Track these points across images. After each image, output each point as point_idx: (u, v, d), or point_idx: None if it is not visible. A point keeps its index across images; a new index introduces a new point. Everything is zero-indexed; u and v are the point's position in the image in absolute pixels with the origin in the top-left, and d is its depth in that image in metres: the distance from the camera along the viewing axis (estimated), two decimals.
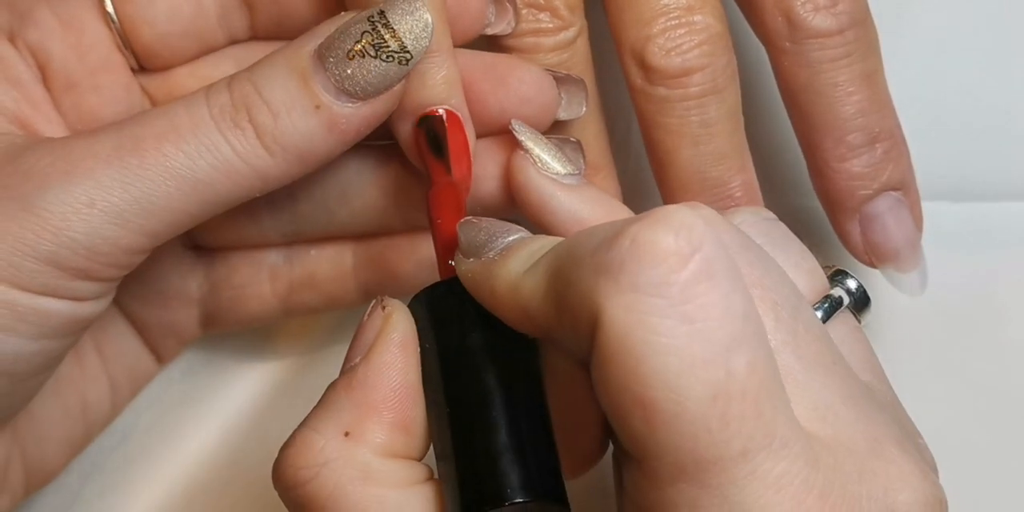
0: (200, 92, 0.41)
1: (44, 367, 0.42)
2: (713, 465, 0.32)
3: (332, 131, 0.40)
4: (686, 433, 0.32)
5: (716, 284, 0.33)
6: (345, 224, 0.47)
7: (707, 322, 0.32)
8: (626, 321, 0.32)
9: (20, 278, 0.39)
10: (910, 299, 0.49)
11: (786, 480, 0.33)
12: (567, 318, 0.34)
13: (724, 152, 0.46)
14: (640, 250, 0.32)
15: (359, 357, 0.37)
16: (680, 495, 0.33)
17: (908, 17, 0.52)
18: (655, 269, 0.32)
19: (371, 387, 0.37)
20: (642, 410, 0.32)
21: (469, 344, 0.37)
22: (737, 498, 0.32)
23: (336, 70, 0.40)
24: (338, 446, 0.36)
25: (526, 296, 0.35)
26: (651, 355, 0.32)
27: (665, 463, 0.32)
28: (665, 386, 0.32)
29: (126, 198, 0.39)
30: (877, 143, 0.47)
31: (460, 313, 0.37)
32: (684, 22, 0.45)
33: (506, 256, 0.36)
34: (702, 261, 0.32)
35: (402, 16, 0.40)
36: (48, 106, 0.43)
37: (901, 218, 0.48)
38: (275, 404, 0.53)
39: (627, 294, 0.32)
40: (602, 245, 0.33)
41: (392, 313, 0.38)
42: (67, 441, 0.47)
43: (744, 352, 0.32)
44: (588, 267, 0.33)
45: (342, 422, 0.36)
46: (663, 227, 0.33)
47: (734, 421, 0.32)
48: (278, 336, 0.53)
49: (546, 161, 0.42)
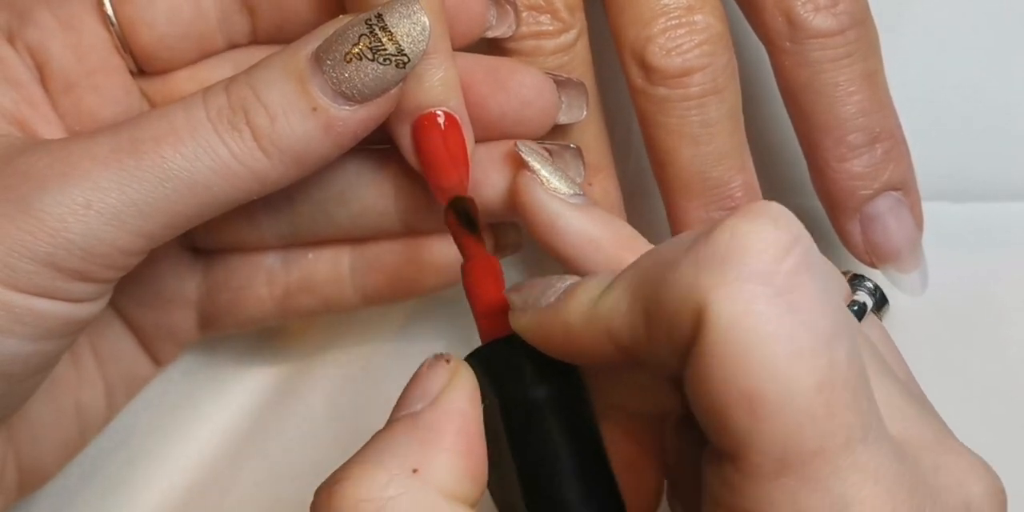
0: (198, 94, 0.41)
1: (40, 368, 0.42)
2: (817, 456, 0.32)
3: (329, 134, 0.40)
4: (792, 424, 0.32)
5: (815, 274, 0.33)
6: (343, 227, 0.47)
7: (811, 312, 0.32)
8: (733, 311, 0.32)
9: (17, 279, 0.39)
10: (911, 299, 0.49)
11: (882, 472, 0.33)
12: (660, 324, 0.34)
13: (724, 152, 0.46)
14: (742, 241, 0.32)
15: (420, 404, 0.37)
16: (781, 490, 0.32)
17: (909, 16, 0.52)
18: (759, 258, 0.32)
19: (441, 430, 0.36)
20: (748, 401, 0.32)
21: (533, 398, 0.37)
22: (839, 490, 0.32)
23: (333, 73, 0.40)
24: (405, 482, 0.35)
25: (606, 316, 0.35)
26: (760, 344, 0.32)
27: (768, 457, 0.32)
28: (773, 376, 0.32)
29: (123, 200, 0.39)
30: (878, 143, 0.47)
31: (520, 369, 0.37)
32: (684, 22, 0.45)
33: (572, 293, 0.37)
34: (803, 251, 0.33)
35: (399, 19, 0.40)
36: (47, 107, 0.43)
37: (902, 218, 0.48)
38: (275, 406, 0.52)
39: (733, 284, 0.32)
40: (698, 243, 0.33)
41: (459, 368, 0.38)
42: (62, 443, 0.47)
43: (844, 343, 0.33)
44: (686, 266, 0.33)
45: (409, 458, 0.36)
46: (761, 217, 0.33)
47: (838, 412, 0.32)
48: (278, 338, 0.53)
49: (552, 181, 0.42)
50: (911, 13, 0.52)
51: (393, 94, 0.41)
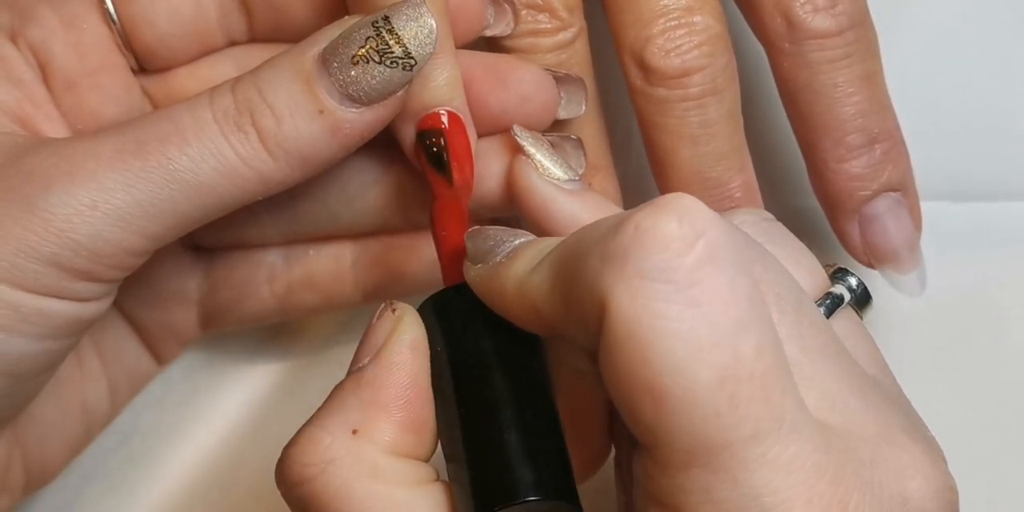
0: (204, 95, 0.40)
1: (46, 367, 0.42)
2: (724, 449, 0.32)
3: (336, 136, 0.40)
4: (695, 417, 0.32)
5: (721, 268, 0.32)
6: (345, 224, 0.47)
7: (713, 306, 0.32)
8: (632, 307, 0.32)
9: (23, 279, 0.39)
10: (909, 299, 0.49)
11: (797, 464, 0.32)
12: (574, 310, 0.34)
13: (723, 152, 0.46)
14: (644, 236, 0.32)
15: (368, 358, 0.37)
16: (692, 481, 0.32)
17: (908, 16, 0.52)
18: (659, 254, 0.32)
19: (381, 386, 0.36)
20: (651, 396, 0.32)
21: (480, 347, 0.37)
22: (749, 482, 0.32)
23: (340, 75, 0.40)
24: (345, 443, 0.36)
25: (533, 293, 0.35)
26: (658, 340, 0.32)
27: (676, 449, 0.32)
28: (673, 371, 0.32)
29: (128, 200, 0.39)
30: (876, 144, 0.47)
31: (470, 317, 0.37)
32: (684, 23, 0.45)
33: (513, 258, 0.36)
34: (706, 246, 0.32)
35: (407, 22, 0.40)
36: (49, 105, 0.43)
37: (900, 219, 0.48)
38: (276, 405, 0.52)
39: (632, 280, 0.32)
40: (607, 234, 0.33)
41: (403, 316, 0.38)
42: (67, 441, 0.47)
43: (751, 336, 0.32)
44: (593, 257, 0.33)
45: (350, 420, 0.36)
46: (666, 213, 0.33)
47: (743, 404, 0.32)
48: (279, 336, 0.53)
49: (547, 166, 0.42)
50: (911, 13, 0.52)
51: (399, 96, 0.40)
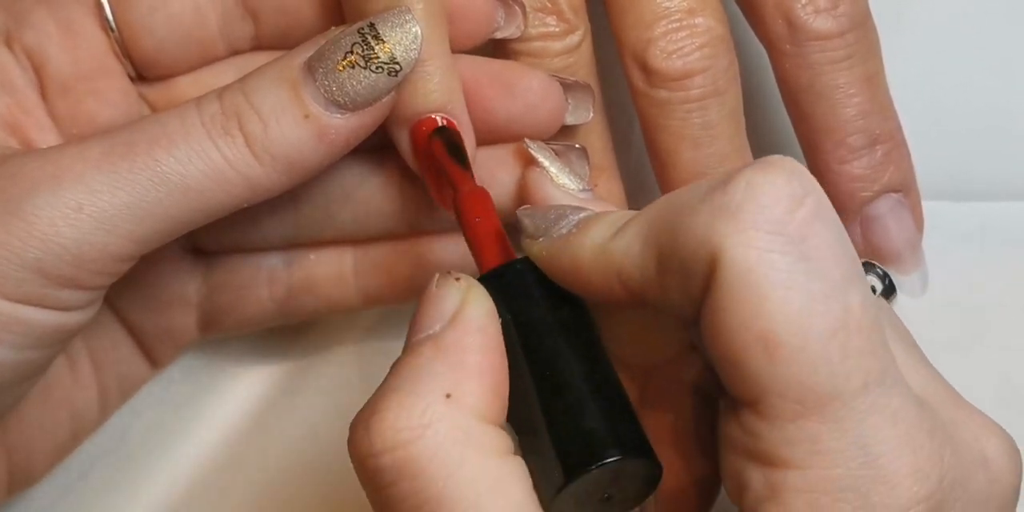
0: (192, 101, 0.40)
1: (28, 376, 0.41)
2: (834, 399, 0.32)
3: (322, 141, 0.40)
4: (808, 367, 0.32)
5: (828, 225, 0.33)
6: (345, 228, 0.46)
7: (825, 259, 0.33)
8: (747, 258, 0.32)
9: (4, 287, 0.38)
10: (911, 298, 0.49)
11: (901, 415, 0.33)
12: (673, 270, 0.34)
13: (725, 153, 0.46)
14: (757, 191, 0.33)
15: (438, 324, 0.36)
16: (801, 431, 0.33)
17: (909, 16, 0.51)
18: (774, 208, 0.33)
19: (466, 350, 0.35)
20: (764, 346, 0.32)
21: (546, 317, 0.37)
22: (857, 431, 0.32)
23: (326, 81, 0.39)
24: (441, 408, 0.34)
25: (618, 256, 0.35)
26: (773, 290, 0.32)
27: (787, 399, 0.32)
28: (788, 320, 0.32)
29: (115, 203, 0.38)
30: (878, 145, 0.47)
31: (531, 290, 0.37)
32: (685, 25, 0.44)
33: (585, 227, 0.36)
34: (815, 203, 0.33)
35: (392, 28, 0.40)
36: (41, 112, 0.43)
37: (902, 220, 0.48)
38: (275, 405, 0.52)
39: (748, 232, 0.32)
40: (715, 190, 0.33)
41: (471, 286, 0.37)
42: (53, 445, 0.46)
43: (857, 290, 0.33)
44: (701, 212, 0.33)
45: (441, 384, 0.35)
46: (776, 170, 0.33)
47: (853, 355, 0.32)
48: (279, 337, 0.52)
49: (561, 178, 0.41)
50: (912, 13, 0.51)
51: (386, 102, 0.40)
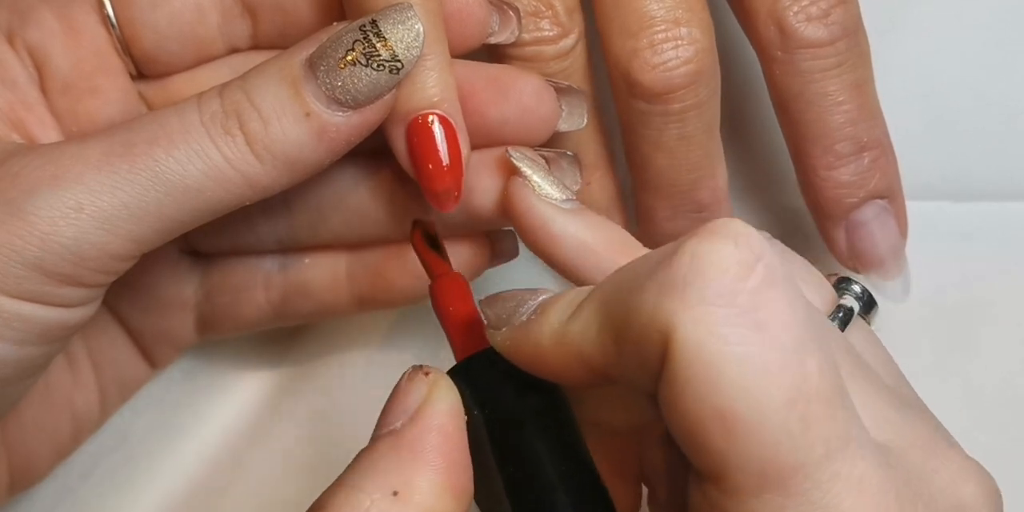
0: (192, 99, 0.39)
1: (29, 373, 0.40)
2: (797, 471, 0.31)
3: (322, 139, 0.39)
4: (768, 441, 0.31)
5: (780, 290, 0.32)
6: (340, 232, 0.46)
7: (777, 328, 0.31)
8: (698, 334, 0.31)
9: (5, 284, 0.37)
10: (910, 299, 0.48)
11: (866, 481, 0.32)
12: (629, 348, 0.33)
13: (697, 161, 0.45)
14: (702, 263, 0.31)
15: (400, 420, 0.35)
16: (764, 505, 0.31)
17: (909, 16, 0.51)
18: (721, 280, 0.31)
19: (422, 448, 0.35)
20: (721, 422, 0.31)
21: (516, 409, 0.36)
22: (822, 502, 0.31)
23: (327, 78, 0.39)
24: (386, 505, 0.34)
25: (577, 339, 0.34)
26: (726, 365, 0.31)
27: (748, 474, 0.31)
28: (743, 395, 0.31)
29: (115, 203, 0.38)
30: (865, 152, 0.46)
31: (499, 382, 0.36)
32: (671, 36, 0.44)
33: (543, 313, 0.35)
34: (765, 268, 0.31)
35: (393, 25, 0.39)
36: (42, 108, 0.42)
37: (886, 226, 0.47)
38: (275, 406, 0.51)
39: (696, 308, 0.31)
40: (661, 266, 0.32)
41: (438, 380, 0.36)
42: (54, 445, 0.46)
43: (814, 355, 0.31)
44: (649, 290, 0.32)
45: (390, 481, 0.34)
46: (720, 238, 0.32)
47: (814, 424, 0.31)
48: (278, 338, 0.52)
49: (544, 187, 0.41)
50: (910, 13, 0.51)
51: (387, 100, 0.39)
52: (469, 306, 0.38)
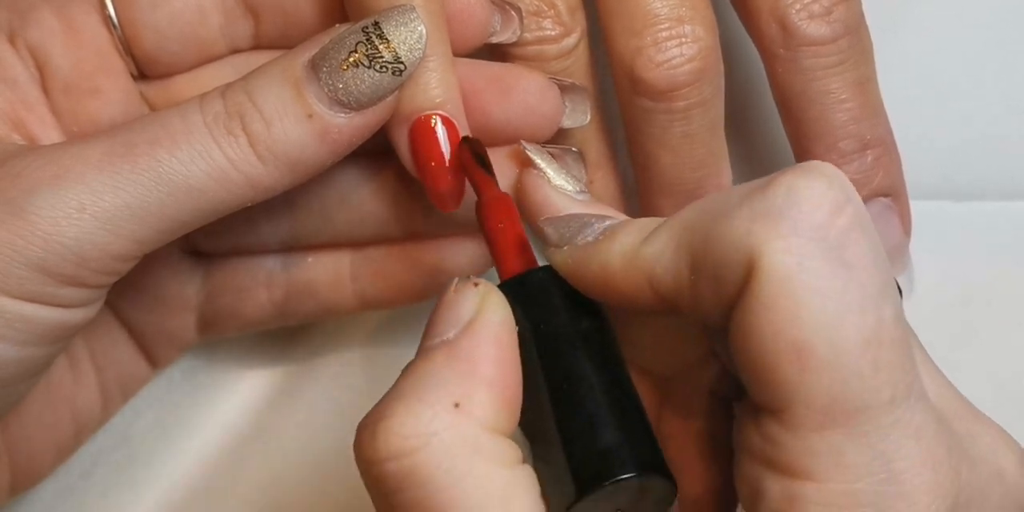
0: (194, 99, 0.39)
1: (32, 372, 0.40)
2: (861, 412, 0.32)
3: (325, 141, 0.39)
4: (838, 378, 0.31)
5: (867, 234, 0.32)
6: (343, 232, 0.45)
7: (863, 269, 0.32)
8: (786, 264, 0.31)
9: (8, 284, 0.37)
10: (910, 299, 0.48)
11: (923, 431, 0.32)
12: (707, 273, 0.33)
13: (702, 159, 0.45)
14: (798, 196, 0.32)
15: (453, 331, 0.35)
16: (824, 442, 0.32)
17: (910, 15, 0.51)
18: (815, 213, 0.32)
19: (479, 360, 0.34)
20: (796, 353, 0.31)
21: (565, 328, 0.36)
22: (881, 446, 0.32)
23: (330, 80, 0.39)
24: (448, 417, 0.33)
25: (649, 262, 0.34)
26: (811, 297, 0.31)
27: (813, 409, 0.32)
28: (823, 329, 0.31)
29: (117, 203, 0.38)
30: (868, 150, 0.46)
31: (551, 299, 0.36)
32: (675, 34, 0.44)
33: (613, 234, 0.35)
34: (855, 211, 0.32)
35: (396, 27, 0.39)
36: (43, 108, 0.42)
37: (890, 224, 0.47)
38: (276, 405, 0.51)
39: (788, 238, 0.31)
40: (752, 196, 0.32)
41: (489, 292, 0.36)
42: (55, 445, 0.45)
43: (890, 302, 0.32)
44: (739, 216, 0.32)
45: (450, 393, 0.34)
46: (818, 176, 0.32)
47: (884, 369, 0.32)
48: (279, 337, 0.51)
49: (558, 180, 0.41)
50: (911, 12, 0.51)
51: (389, 102, 0.39)
52: (517, 226, 0.38)
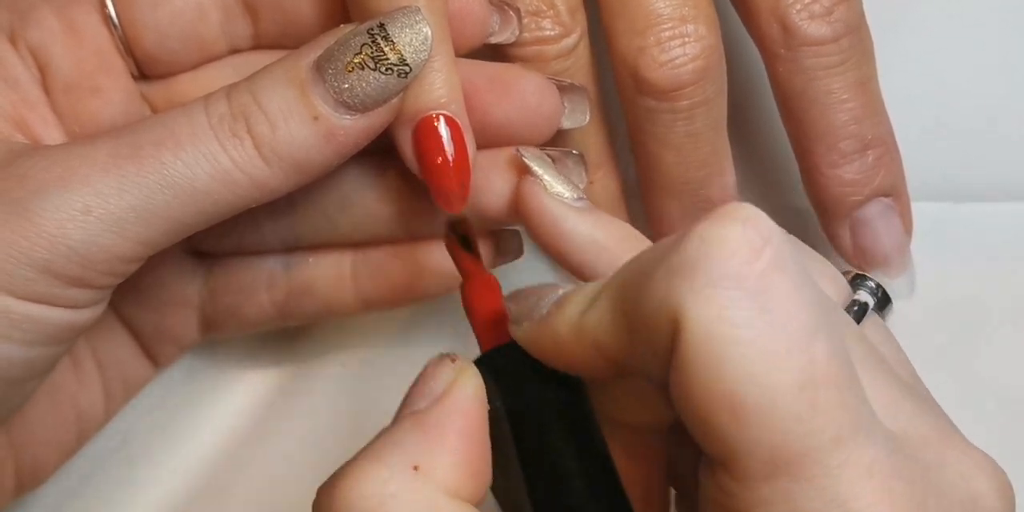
0: (199, 101, 0.39)
1: (37, 373, 0.40)
2: (806, 457, 0.31)
3: (330, 142, 0.39)
4: (777, 426, 0.31)
5: (788, 274, 0.31)
6: (345, 232, 0.45)
7: (785, 311, 0.31)
8: (706, 317, 0.31)
9: (13, 285, 0.37)
10: (910, 299, 0.48)
11: (876, 467, 0.31)
12: (642, 334, 0.32)
13: (705, 158, 0.45)
14: (710, 246, 0.31)
15: (425, 402, 0.35)
16: (774, 491, 0.31)
17: (910, 16, 0.51)
18: (728, 262, 0.31)
19: (444, 429, 0.35)
20: (730, 406, 0.31)
21: (537, 402, 0.36)
22: (832, 488, 0.31)
23: (335, 82, 0.38)
24: (407, 479, 0.34)
25: (592, 330, 0.34)
26: (734, 348, 0.31)
27: (757, 460, 0.31)
28: (751, 379, 0.31)
29: (123, 206, 0.37)
30: (869, 150, 0.46)
31: (522, 374, 0.36)
32: (678, 33, 0.44)
33: (561, 305, 0.35)
34: (774, 252, 0.31)
35: (402, 29, 0.39)
36: (45, 108, 0.42)
37: (891, 224, 0.47)
38: (276, 407, 0.51)
39: (704, 290, 0.31)
40: (671, 252, 0.32)
41: (465, 368, 0.36)
42: (59, 445, 0.45)
43: (822, 340, 0.31)
44: (658, 276, 0.32)
45: (410, 455, 0.34)
46: (730, 221, 0.31)
47: (822, 410, 0.31)
48: (281, 339, 0.51)
49: (555, 186, 0.41)
50: (912, 13, 0.51)
51: (394, 104, 0.39)
52: (498, 305, 0.38)
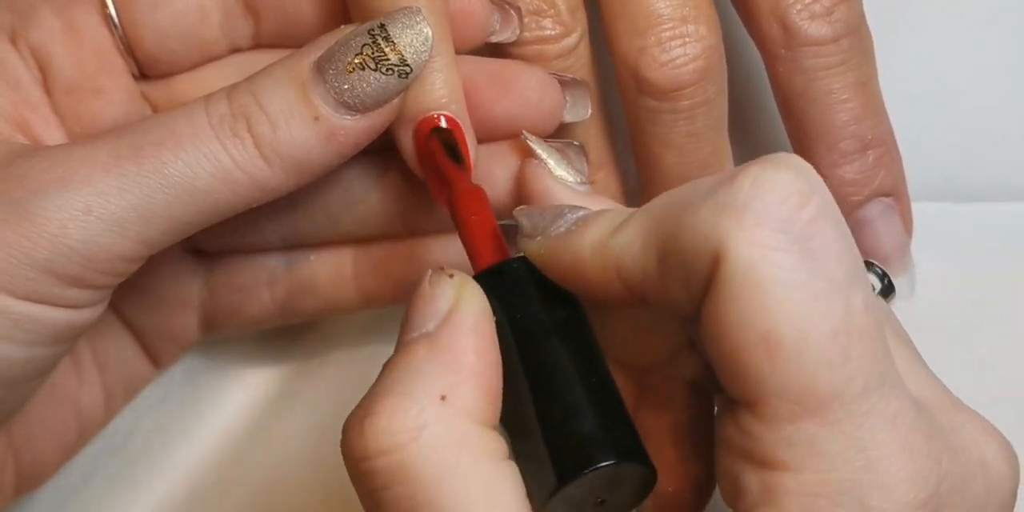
0: (200, 101, 0.39)
1: (38, 373, 0.40)
2: (834, 401, 0.31)
3: (331, 142, 0.39)
4: (808, 369, 0.31)
5: (833, 224, 0.32)
6: (345, 229, 0.45)
7: (829, 259, 0.32)
8: (751, 256, 0.31)
9: (15, 286, 0.37)
10: (910, 299, 0.48)
11: (899, 419, 0.32)
12: (675, 265, 0.33)
13: (706, 158, 0.45)
14: (763, 188, 0.32)
15: (432, 323, 0.34)
16: (798, 433, 0.32)
17: (910, 16, 0.51)
18: (780, 205, 0.32)
19: (462, 351, 0.34)
20: (765, 345, 0.31)
21: (541, 317, 0.36)
22: (856, 434, 0.32)
23: (336, 82, 0.39)
24: (436, 410, 0.33)
25: (619, 253, 0.34)
26: (777, 289, 0.31)
27: (785, 401, 0.31)
28: (790, 320, 0.31)
29: (123, 205, 0.38)
30: (869, 150, 0.46)
31: (525, 289, 0.36)
32: (678, 34, 0.44)
33: (585, 225, 0.35)
34: (821, 201, 0.32)
35: (402, 29, 0.39)
36: (46, 108, 0.42)
37: (891, 224, 0.47)
38: (277, 406, 0.51)
39: (752, 229, 0.31)
40: (719, 187, 0.32)
41: (466, 283, 0.35)
42: (60, 445, 0.45)
43: (860, 291, 0.32)
44: (705, 208, 0.32)
45: (436, 386, 0.33)
46: (783, 167, 0.32)
47: (854, 358, 0.31)
48: (281, 338, 0.51)
49: (559, 170, 0.41)
50: (912, 14, 0.51)
51: (394, 104, 0.39)
52: (490, 217, 0.38)
